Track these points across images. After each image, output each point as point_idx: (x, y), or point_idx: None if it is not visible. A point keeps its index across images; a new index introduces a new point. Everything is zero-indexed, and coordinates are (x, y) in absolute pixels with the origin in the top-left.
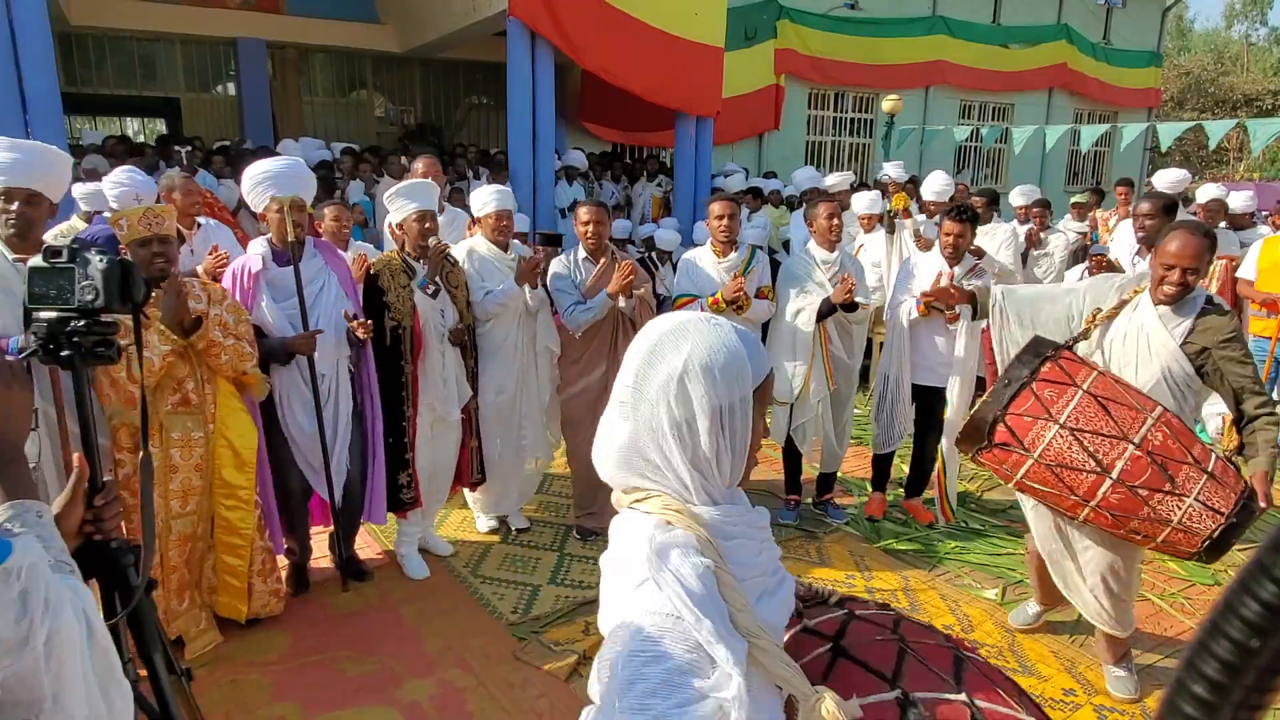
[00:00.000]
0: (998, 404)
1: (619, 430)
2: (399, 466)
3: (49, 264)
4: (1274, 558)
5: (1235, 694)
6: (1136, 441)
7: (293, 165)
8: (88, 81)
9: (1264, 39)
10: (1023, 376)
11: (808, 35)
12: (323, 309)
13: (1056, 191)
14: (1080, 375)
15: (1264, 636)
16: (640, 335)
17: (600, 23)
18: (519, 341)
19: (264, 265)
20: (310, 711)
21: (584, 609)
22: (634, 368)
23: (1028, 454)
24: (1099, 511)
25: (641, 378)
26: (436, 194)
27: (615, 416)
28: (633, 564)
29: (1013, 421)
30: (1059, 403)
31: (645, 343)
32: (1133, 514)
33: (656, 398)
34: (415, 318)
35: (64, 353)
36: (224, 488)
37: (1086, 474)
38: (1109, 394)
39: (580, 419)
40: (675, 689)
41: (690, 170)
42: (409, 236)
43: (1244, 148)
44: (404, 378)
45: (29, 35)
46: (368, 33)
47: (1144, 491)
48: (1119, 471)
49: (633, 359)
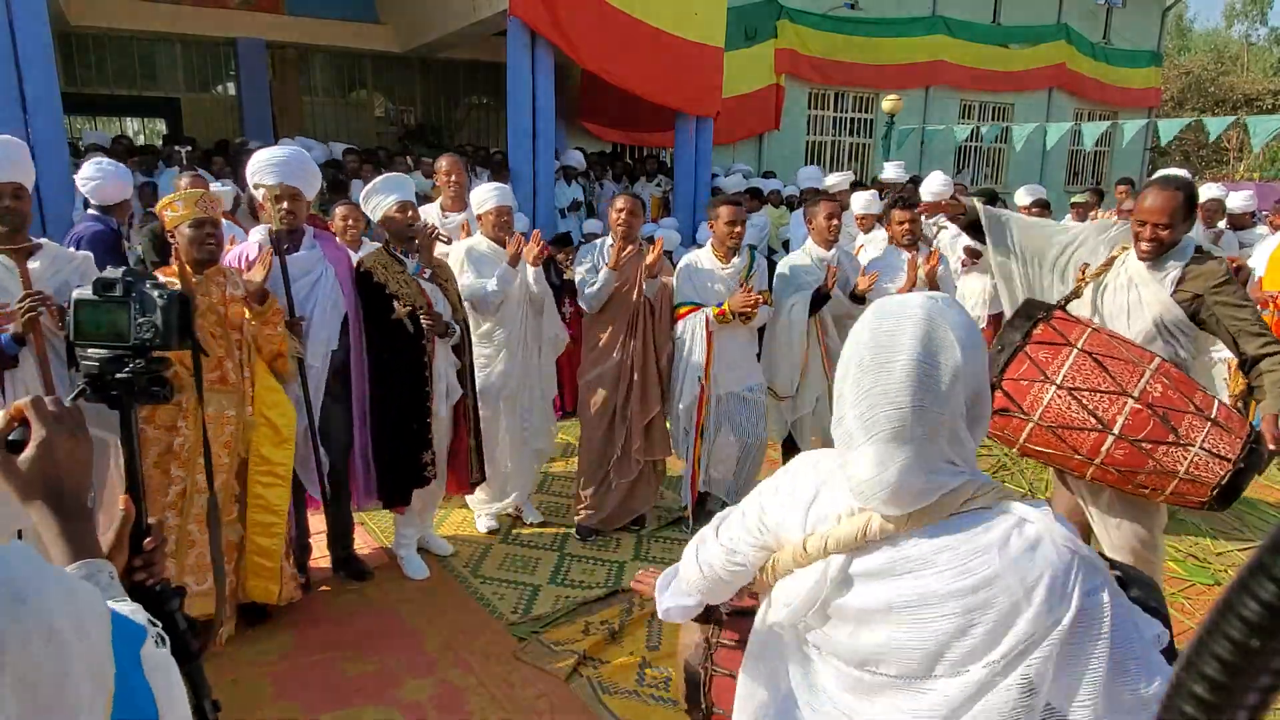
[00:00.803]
0: (992, 371)
1: (898, 457)
2: (422, 446)
3: (100, 297)
4: (1274, 558)
5: (1236, 694)
6: (1135, 395)
7: (292, 155)
8: (88, 81)
9: (1264, 39)
10: (1015, 341)
11: (808, 35)
12: (317, 300)
13: (1057, 191)
14: (1074, 334)
15: (1264, 636)
16: (884, 357)
17: (600, 23)
18: (524, 330)
19: (260, 252)
20: (310, 711)
21: (584, 609)
22: (909, 385)
23: (1027, 418)
24: (1104, 469)
25: (927, 387)
26: (411, 184)
27: (886, 449)
28: (1044, 573)
29: (1009, 387)
30: (1054, 363)
31: (908, 358)
32: (1138, 468)
33: (949, 390)
34: (426, 295)
35: (114, 391)
36: (263, 464)
37: (1088, 432)
38: (1105, 350)
39: (595, 404)
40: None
41: (690, 170)
42: (393, 227)
43: (1244, 147)
44: (425, 357)
45: (29, 35)
46: (368, 33)
47: (1148, 445)
48: (1120, 426)
49: (895, 379)
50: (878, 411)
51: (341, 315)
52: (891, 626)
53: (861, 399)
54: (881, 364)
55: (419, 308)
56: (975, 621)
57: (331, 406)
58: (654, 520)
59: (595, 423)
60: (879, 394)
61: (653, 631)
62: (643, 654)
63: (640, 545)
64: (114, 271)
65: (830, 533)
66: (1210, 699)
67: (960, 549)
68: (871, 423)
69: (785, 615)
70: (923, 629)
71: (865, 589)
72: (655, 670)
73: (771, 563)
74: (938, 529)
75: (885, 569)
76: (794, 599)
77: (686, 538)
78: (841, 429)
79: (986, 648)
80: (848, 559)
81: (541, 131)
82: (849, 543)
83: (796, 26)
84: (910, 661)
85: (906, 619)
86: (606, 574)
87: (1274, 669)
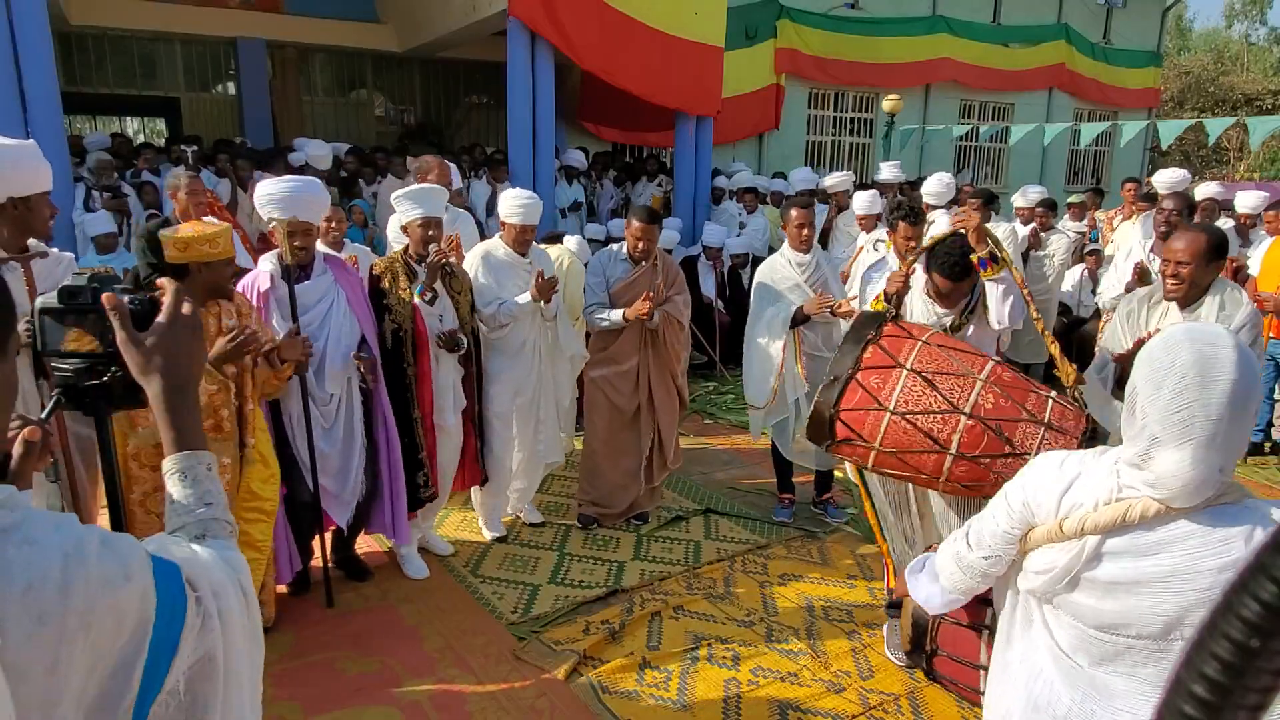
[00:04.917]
0: (828, 403)
1: (1205, 459)
2: (414, 467)
3: (65, 305)
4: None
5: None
6: (967, 411)
7: (299, 188)
8: (88, 81)
9: (1264, 39)
10: (846, 370)
11: (808, 35)
12: (331, 327)
13: (1057, 191)
14: (903, 352)
15: (1264, 636)
16: (1210, 375)
17: (600, 23)
18: (538, 345)
19: (273, 284)
20: (310, 711)
21: (584, 608)
22: (1227, 402)
23: (870, 446)
24: (951, 484)
25: (1239, 405)
26: (444, 201)
27: (1198, 452)
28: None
29: (847, 417)
30: (885, 388)
31: (1229, 379)
32: (982, 481)
33: (1250, 409)
34: (417, 320)
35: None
36: (251, 499)
37: (928, 454)
38: (935, 365)
39: (600, 403)
40: None
41: (690, 170)
42: (412, 241)
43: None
44: (406, 379)
45: (29, 35)
46: (368, 32)
47: (986, 460)
48: (956, 445)
49: (1216, 396)
50: (1196, 421)
51: (358, 338)
52: (1138, 597)
53: (1182, 409)
54: (1206, 381)
55: (403, 330)
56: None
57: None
58: (654, 520)
59: (600, 419)
60: (1200, 406)
61: (653, 631)
62: (643, 654)
63: (640, 545)
64: (79, 279)
65: (1088, 516)
66: (1210, 699)
67: (1211, 536)
68: (1188, 429)
69: (1040, 583)
70: (1168, 600)
71: (1115, 564)
72: (655, 670)
73: (1021, 540)
74: (1191, 518)
75: (1136, 548)
76: (1049, 570)
77: (687, 537)
78: (1144, 431)
79: None
80: (1102, 539)
81: (541, 131)
82: (1107, 526)
83: (797, 26)
84: (1152, 627)
85: (1156, 590)
86: (606, 574)
87: (1274, 669)
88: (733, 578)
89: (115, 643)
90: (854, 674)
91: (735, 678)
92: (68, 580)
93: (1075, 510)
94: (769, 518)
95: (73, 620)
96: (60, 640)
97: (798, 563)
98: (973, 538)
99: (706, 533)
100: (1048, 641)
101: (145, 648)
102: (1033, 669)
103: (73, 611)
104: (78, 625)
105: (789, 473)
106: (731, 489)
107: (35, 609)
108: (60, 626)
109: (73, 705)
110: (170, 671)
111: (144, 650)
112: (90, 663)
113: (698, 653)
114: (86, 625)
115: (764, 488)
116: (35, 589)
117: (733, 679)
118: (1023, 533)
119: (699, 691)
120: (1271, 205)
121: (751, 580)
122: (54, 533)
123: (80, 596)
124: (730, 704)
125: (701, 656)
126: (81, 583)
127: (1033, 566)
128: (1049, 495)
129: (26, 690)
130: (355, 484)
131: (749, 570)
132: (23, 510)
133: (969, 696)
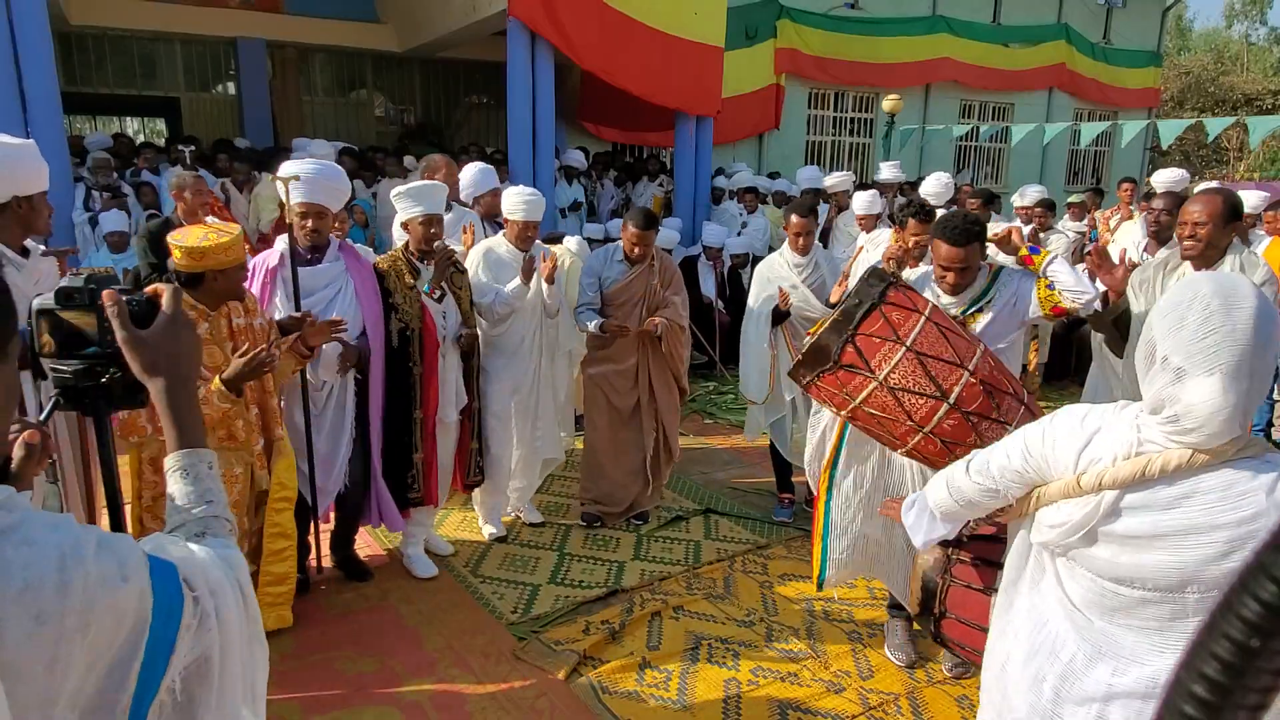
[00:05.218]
0: (849, 323)
1: (1237, 388)
2: (406, 467)
3: (62, 306)
4: (1274, 558)
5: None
6: (971, 368)
7: (319, 172)
8: (88, 81)
9: (1264, 39)
10: (873, 295)
11: (808, 34)
12: (337, 314)
13: (1057, 191)
14: (921, 304)
15: (1264, 636)
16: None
17: (600, 23)
18: (538, 341)
19: (281, 263)
20: (310, 711)
21: (584, 608)
22: (1252, 328)
23: (872, 376)
24: (931, 438)
25: (1264, 333)
26: (444, 198)
27: (1227, 380)
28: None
29: (862, 342)
30: (905, 325)
31: (1252, 306)
32: (961, 440)
33: (1273, 341)
34: (426, 319)
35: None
36: (280, 490)
37: (926, 398)
38: (946, 324)
39: (599, 401)
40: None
41: (690, 170)
42: (413, 238)
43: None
44: (411, 379)
45: (29, 35)
46: (368, 32)
47: (975, 418)
48: (955, 397)
49: (1242, 321)
50: (1224, 346)
51: (360, 329)
52: (1155, 551)
53: (1207, 335)
54: (1230, 307)
55: (410, 330)
56: (1235, 550)
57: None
58: (654, 520)
59: (598, 416)
60: (1227, 332)
61: (653, 631)
62: (643, 654)
63: (640, 545)
64: (75, 279)
65: (1107, 471)
66: (1210, 699)
67: (1230, 490)
68: (1215, 355)
69: (1054, 536)
70: (1184, 554)
71: (1133, 519)
72: (655, 670)
73: (1037, 495)
74: (1209, 472)
75: (1154, 502)
76: (1064, 523)
77: (687, 537)
78: (1166, 369)
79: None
80: (1120, 494)
81: (541, 131)
82: (1126, 480)
83: (797, 26)
84: (1168, 580)
85: (1173, 544)
86: (606, 574)
87: (1274, 669)
88: (733, 578)
89: (112, 642)
90: (854, 674)
91: (735, 678)
92: (65, 580)
93: (1094, 465)
94: (769, 518)
95: (70, 620)
96: (58, 640)
97: (798, 563)
98: (975, 466)
99: (706, 533)
100: (1059, 595)
101: (142, 647)
102: (1038, 619)
103: (70, 611)
104: (75, 625)
105: (789, 473)
106: (731, 489)
107: (33, 609)
108: (58, 626)
109: (69, 705)
110: (167, 671)
111: (141, 650)
112: (88, 662)
113: (698, 653)
114: (84, 625)
115: (764, 488)
116: (33, 589)
117: (733, 679)
118: (1034, 479)
119: (699, 691)
120: (1271, 205)
121: (751, 580)
122: (51, 533)
123: (78, 596)
124: (730, 704)
125: (701, 656)
126: (79, 583)
127: (1047, 520)
128: (1067, 451)
129: (24, 689)
130: (339, 475)
131: (749, 570)
132: (21, 511)
133: (974, 659)
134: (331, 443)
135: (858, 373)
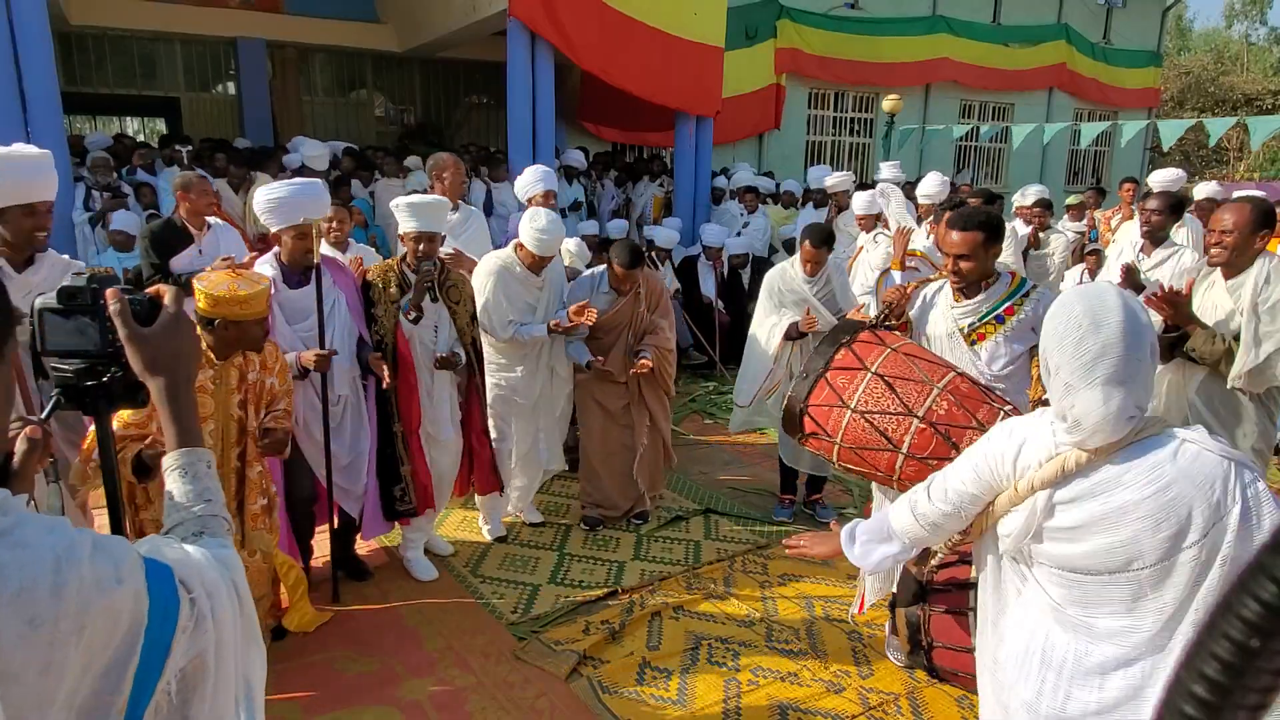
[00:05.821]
0: (799, 398)
1: (1117, 394)
2: (393, 480)
3: (65, 306)
4: (1274, 558)
5: (1235, 694)
6: (920, 415)
7: (296, 192)
8: (88, 81)
9: (1264, 39)
10: (818, 369)
11: (808, 34)
12: (335, 328)
13: (1057, 191)
14: (871, 357)
15: (1264, 636)
16: (1100, 319)
17: (600, 23)
18: (542, 349)
19: (275, 288)
20: (310, 711)
21: (584, 608)
22: (1122, 338)
23: (832, 440)
24: (903, 484)
25: (1134, 338)
26: (444, 215)
27: (1107, 389)
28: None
29: (814, 412)
30: (849, 388)
31: (1119, 318)
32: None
33: (1145, 341)
34: (399, 335)
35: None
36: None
37: (882, 452)
38: (899, 371)
39: (590, 405)
40: None
41: (690, 170)
42: (408, 252)
43: (1244, 147)
44: (387, 393)
45: (29, 35)
46: (368, 32)
47: (934, 461)
48: (908, 446)
49: (1112, 334)
50: (1099, 361)
51: (357, 336)
52: (1097, 535)
53: (1085, 353)
54: (1099, 325)
55: (385, 343)
56: (1163, 520)
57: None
58: (654, 520)
59: (593, 422)
60: (1100, 348)
61: (653, 631)
62: (643, 654)
63: (640, 545)
64: (78, 279)
65: (1035, 475)
66: (1210, 699)
67: (1142, 466)
68: (1092, 370)
69: (1009, 544)
70: (1121, 532)
71: (1067, 513)
72: (655, 670)
73: (989, 510)
74: (1118, 457)
75: (1083, 494)
76: (1013, 530)
77: (687, 537)
78: (1058, 381)
79: (1176, 541)
80: (1050, 492)
81: (541, 131)
82: (1050, 479)
83: (797, 26)
84: (1114, 560)
85: (1109, 526)
86: (606, 574)
87: (1274, 669)
88: (733, 578)
89: (108, 645)
90: (854, 674)
91: (735, 678)
92: (60, 583)
93: (1027, 471)
94: (769, 518)
95: (65, 623)
96: (53, 642)
97: (798, 563)
98: (935, 490)
99: (706, 533)
100: (1043, 601)
101: (138, 649)
102: (1032, 629)
103: (65, 614)
104: (70, 628)
105: (793, 476)
106: (731, 489)
107: (28, 611)
108: (53, 629)
109: (65, 707)
110: (163, 673)
111: (137, 652)
112: (83, 665)
113: (698, 653)
114: (79, 628)
115: (764, 488)
116: (28, 591)
117: (733, 679)
118: (989, 498)
119: (699, 691)
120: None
121: (751, 580)
122: (46, 535)
123: (73, 599)
124: (730, 704)
125: (701, 656)
126: (74, 585)
127: (1002, 530)
128: (1004, 462)
129: (19, 692)
130: (364, 479)
131: (749, 570)
132: (16, 514)
133: (973, 686)
134: (353, 451)
135: (821, 439)
